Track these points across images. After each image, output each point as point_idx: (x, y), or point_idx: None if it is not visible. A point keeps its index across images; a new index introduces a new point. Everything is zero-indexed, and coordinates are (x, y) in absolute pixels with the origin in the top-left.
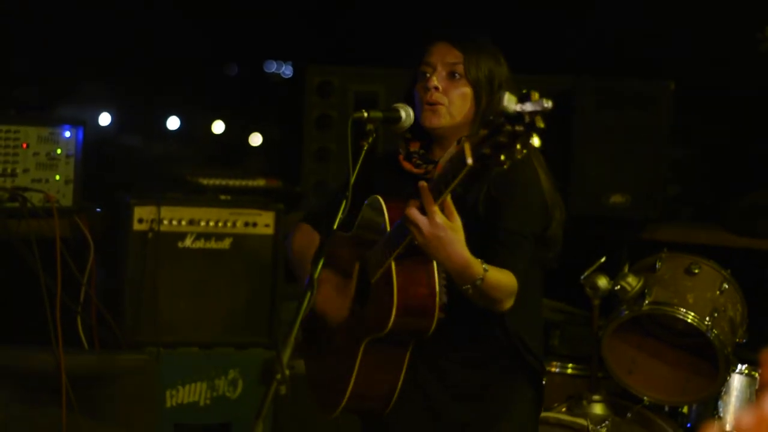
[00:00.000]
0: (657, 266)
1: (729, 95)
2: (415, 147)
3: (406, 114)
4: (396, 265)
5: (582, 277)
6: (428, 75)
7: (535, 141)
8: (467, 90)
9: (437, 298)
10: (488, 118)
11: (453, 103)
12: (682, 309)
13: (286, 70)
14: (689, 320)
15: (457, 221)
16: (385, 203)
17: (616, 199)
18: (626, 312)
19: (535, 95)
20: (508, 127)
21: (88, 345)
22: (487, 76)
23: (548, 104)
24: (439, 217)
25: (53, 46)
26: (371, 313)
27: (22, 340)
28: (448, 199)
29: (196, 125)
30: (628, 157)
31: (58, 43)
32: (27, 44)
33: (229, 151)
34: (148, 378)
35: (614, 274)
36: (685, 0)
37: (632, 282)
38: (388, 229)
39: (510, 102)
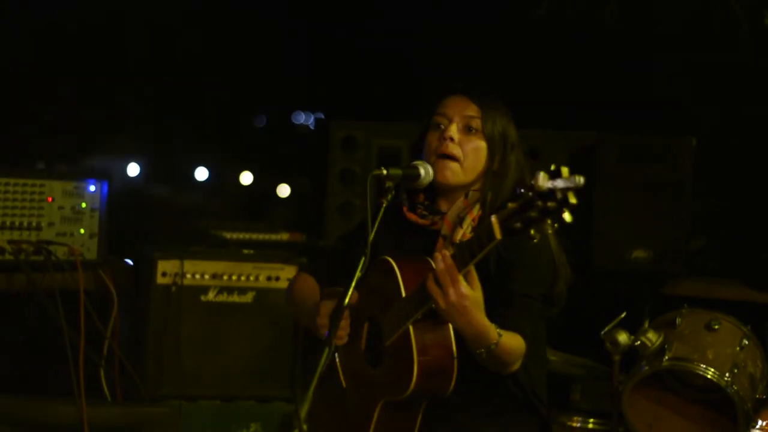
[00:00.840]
0: (677, 322)
1: (756, 149)
2: (419, 198)
3: (425, 171)
4: (413, 329)
5: (602, 332)
6: (443, 126)
7: (566, 216)
8: (482, 144)
9: (455, 361)
10: (518, 192)
11: (467, 156)
12: (702, 365)
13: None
14: (709, 376)
15: (479, 289)
16: (398, 266)
17: (639, 254)
18: (646, 367)
19: (566, 171)
20: (540, 203)
21: (111, 398)
22: (501, 133)
23: (580, 180)
24: (464, 287)
25: (84, 98)
26: (388, 375)
27: (45, 393)
28: (472, 269)
29: (224, 176)
30: (651, 213)
31: (89, 95)
32: (58, 95)
33: (257, 202)
34: (171, 430)
35: (635, 330)
36: (705, 55)
37: (652, 337)
38: (403, 292)
39: (544, 180)
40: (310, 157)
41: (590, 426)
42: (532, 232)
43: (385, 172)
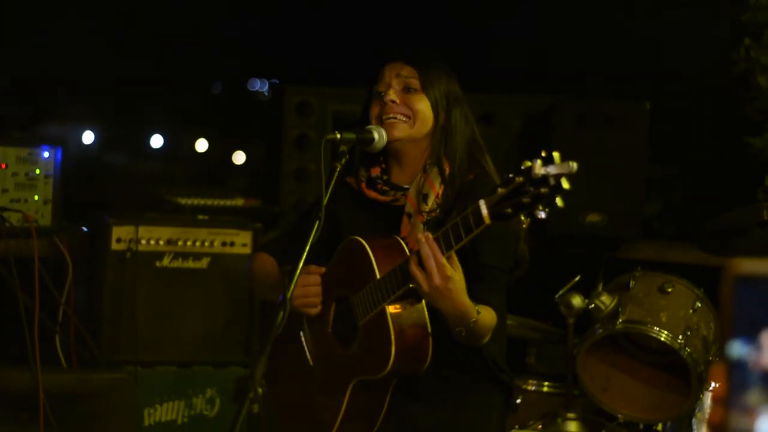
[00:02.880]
0: (631, 285)
1: (707, 114)
2: (376, 172)
3: (379, 135)
4: (389, 309)
5: (557, 295)
6: (383, 93)
7: (558, 201)
8: (426, 102)
9: (430, 340)
10: (508, 177)
11: (415, 111)
12: (655, 327)
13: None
14: (662, 339)
15: (460, 271)
16: (369, 246)
17: (593, 218)
18: (600, 330)
19: (557, 156)
20: (532, 189)
21: (66, 363)
22: (442, 92)
23: (573, 166)
24: (449, 270)
25: (37, 65)
26: (363, 356)
27: (0, 359)
28: (453, 251)
29: (179, 143)
30: (606, 177)
31: (43, 63)
32: (11, 63)
33: (212, 169)
34: (126, 396)
35: (589, 293)
36: (659, 20)
37: (606, 301)
38: (377, 273)
39: (539, 167)
40: (265, 123)
41: (545, 389)
42: (522, 217)
43: (338, 136)
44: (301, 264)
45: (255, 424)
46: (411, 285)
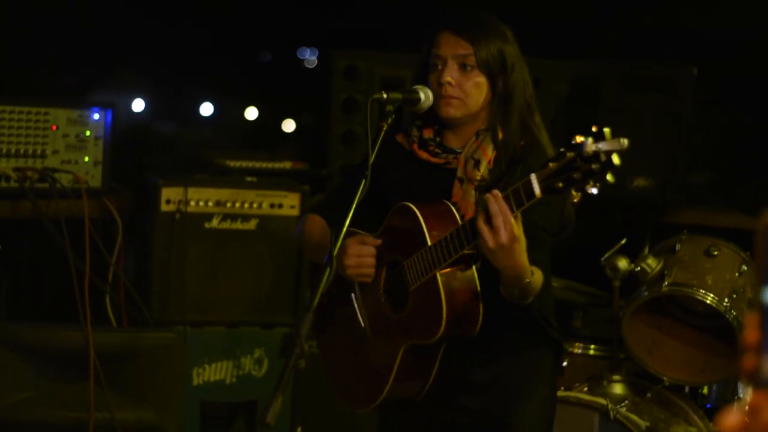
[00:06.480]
0: (677, 248)
1: (754, 81)
2: (428, 134)
3: (425, 96)
4: (440, 275)
5: (603, 258)
6: (439, 68)
7: (609, 177)
8: (481, 79)
9: (481, 304)
10: (560, 152)
11: (468, 95)
12: (701, 290)
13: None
14: (708, 301)
15: (522, 232)
16: (420, 212)
17: (640, 182)
18: (646, 293)
19: (608, 132)
20: (582, 165)
21: (116, 323)
22: (498, 59)
23: (624, 142)
24: (516, 229)
25: (88, 34)
26: (414, 321)
27: (51, 318)
28: (518, 213)
29: (229, 111)
30: (652, 142)
31: (93, 31)
32: (62, 32)
33: (262, 137)
34: (175, 356)
35: (635, 256)
36: None
37: (652, 263)
38: (428, 239)
39: (590, 145)
40: (314, 89)
41: (591, 352)
42: (573, 191)
43: (385, 96)
44: (347, 222)
45: (301, 380)
46: (467, 251)
